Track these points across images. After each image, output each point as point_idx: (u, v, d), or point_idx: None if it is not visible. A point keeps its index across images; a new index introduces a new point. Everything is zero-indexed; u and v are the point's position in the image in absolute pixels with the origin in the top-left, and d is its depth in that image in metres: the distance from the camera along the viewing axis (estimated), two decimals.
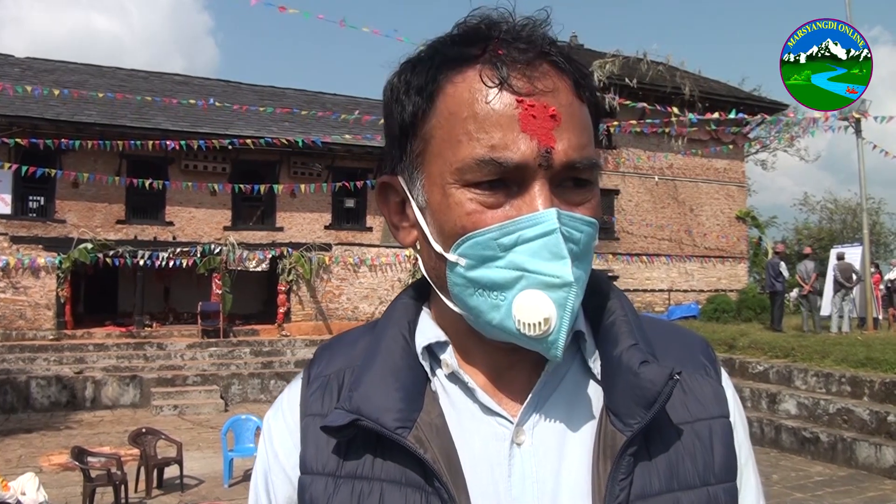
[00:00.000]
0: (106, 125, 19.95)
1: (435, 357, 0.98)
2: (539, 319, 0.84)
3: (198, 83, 25.72)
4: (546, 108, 0.85)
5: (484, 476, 0.90)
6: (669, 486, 0.90)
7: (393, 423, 0.90)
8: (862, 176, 18.11)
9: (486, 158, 0.85)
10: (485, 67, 0.87)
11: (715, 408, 0.98)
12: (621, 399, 0.91)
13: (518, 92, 0.85)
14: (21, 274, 19.65)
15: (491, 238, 0.86)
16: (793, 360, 13.77)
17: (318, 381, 1.01)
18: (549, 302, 0.84)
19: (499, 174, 0.86)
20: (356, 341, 1.04)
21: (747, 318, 23.17)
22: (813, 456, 11.06)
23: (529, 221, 0.85)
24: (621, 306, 0.99)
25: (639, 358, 0.92)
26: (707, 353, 1.04)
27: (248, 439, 10.09)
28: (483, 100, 0.86)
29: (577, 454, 0.92)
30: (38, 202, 20.73)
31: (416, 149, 0.93)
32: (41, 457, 11.47)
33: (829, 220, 48.04)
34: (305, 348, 20.36)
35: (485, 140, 0.86)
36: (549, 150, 0.85)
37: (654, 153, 25.95)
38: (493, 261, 0.87)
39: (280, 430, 1.02)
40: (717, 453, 0.94)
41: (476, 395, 0.94)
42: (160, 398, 16.07)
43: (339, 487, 0.91)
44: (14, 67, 22.61)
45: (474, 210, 0.87)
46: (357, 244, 23.63)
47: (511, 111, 0.85)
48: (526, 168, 0.85)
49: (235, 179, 21.65)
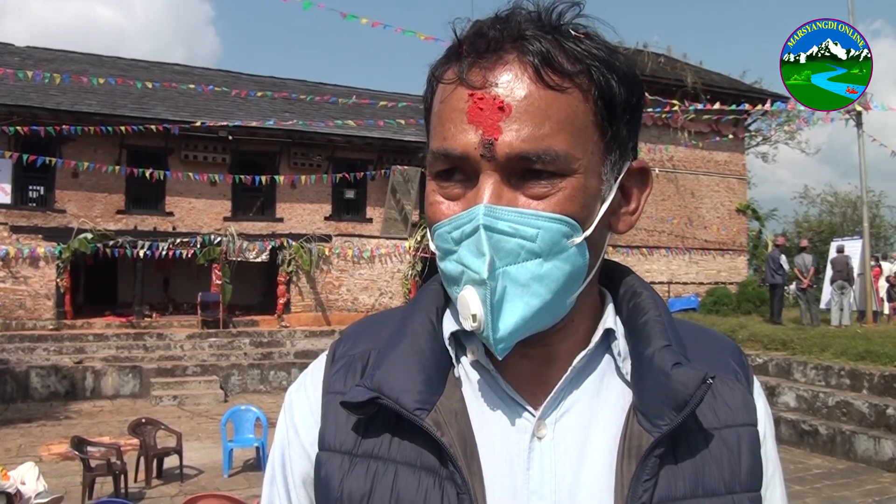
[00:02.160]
0: (106, 115, 19.88)
1: (461, 344, 0.97)
2: (468, 315, 0.85)
3: (198, 73, 25.64)
4: (495, 99, 0.85)
5: (501, 466, 0.90)
6: (694, 491, 0.90)
7: (412, 405, 0.90)
8: (862, 169, 18.10)
9: (438, 150, 0.89)
10: (451, 66, 0.90)
11: (744, 415, 0.97)
12: (651, 400, 0.90)
13: (471, 86, 0.87)
14: (21, 264, 19.63)
15: (446, 231, 0.89)
16: (792, 352, 13.80)
17: (343, 360, 1.00)
18: (476, 298, 0.85)
19: (449, 164, 0.89)
20: (384, 324, 1.04)
21: (747, 311, 23.18)
22: (812, 448, 11.08)
23: (467, 217, 0.86)
24: (655, 306, 0.98)
25: (671, 359, 0.91)
26: (739, 358, 1.03)
27: (248, 430, 10.10)
28: (444, 97, 0.90)
29: (599, 452, 0.91)
30: (37, 192, 20.70)
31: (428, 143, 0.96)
32: (41, 446, 11.49)
33: (829, 213, 47.94)
34: (305, 339, 20.39)
35: (440, 134, 0.89)
36: (491, 142, 0.85)
37: (654, 145, 25.86)
38: (451, 254, 0.89)
39: (301, 405, 1.01)
40: (743, 461, 0.93)
41: (500, 384, 0.94)
42: (160, 388, 16.08)
43: (355, 466, 0.91)
44: (14, 56, 22.54)
45: (435, 202, 0.91)
46: (357, 235, 23.62)
47: (462, 105, 0.87)
48: (469, 159, 0.86)
49: (235, 170, 21.62)
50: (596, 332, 0.96)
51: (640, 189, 0.98)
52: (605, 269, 1.03)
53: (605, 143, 0.90)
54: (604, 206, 0.92)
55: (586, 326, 0.96)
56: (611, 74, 0.89)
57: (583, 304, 0.94)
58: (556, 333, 0.93)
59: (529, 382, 0.95)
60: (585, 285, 0.92)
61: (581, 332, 0.96)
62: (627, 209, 0.98)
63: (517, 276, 0.85)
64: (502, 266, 0.85)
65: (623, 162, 0.94)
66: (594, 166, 0.89)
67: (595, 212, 0.91)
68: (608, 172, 0.92)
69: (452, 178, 0.89)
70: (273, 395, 16.49)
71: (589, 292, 0.95)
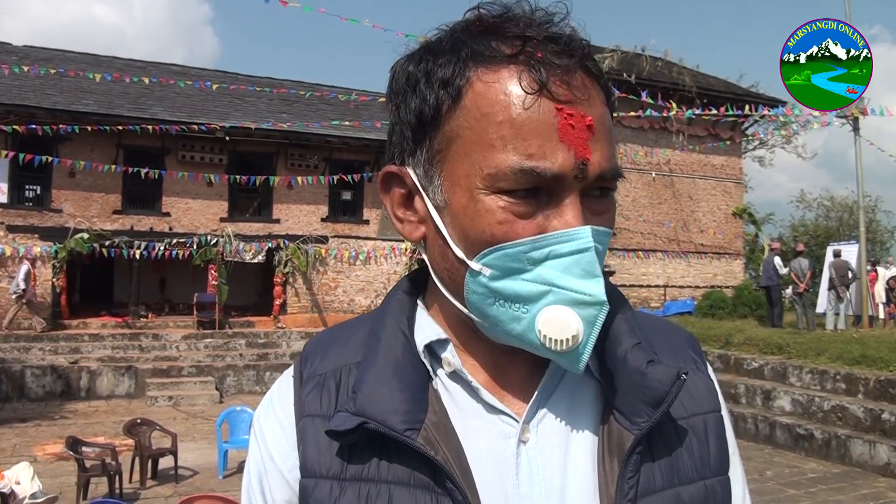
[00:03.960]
0: (103, 114, 19.86)
1: (435, 355, 0.95)
2: (568, 336, 0.83)
3: (195, 73, 25.61)
4: (584, 117, 0.83)
5: (491, 475, 0.89)
6: (671, 481, 0.91)
7: (401, 426, 0.88)
8: (859, 173, 18.14)
9: (524, 167, 0.82)
10: (523, 70, 0.84)
11: (708, 402, 0.99)
12: (627, 398, 0.90)
13: (557, 99, 0.83)
14: (16, 263, 19.59)
15: (521, 251, 0.84)
16: (788, 356, 13.80)
17: (314, 381, 0.97)
18: (577, 319, 0.83)
19: (535, 184, 0.83)
20: (349, 338, 1.01)
21: (742, 315, 23.20)
22: (807, 453, 11.09)
23: (564, 237, 0.83)
24: (619, 303, 0.98)
25: (645, 358, 0.91)
26: (695, 347, 1.06)
27: (243, 431, 10.08)
28: (521, 104, 0.83)
29: (581, 451, 0.92)
30: (34, 191, 20.64)
31: (437, 145, 0.89)
32: (36, 446, 11.46)
33: (825, 217, 48.05)
34: (301, 340, 20.34)
35: (522, 148, 0.82)
36: (584, 162, 0.83)
37: (651, 149, 25.88)
38: (519, 273, 0.85)
39: (273, 430, 0.98)
40: (712, 447, 0.96)
41: (480, 393, 0.93)
42: (155, 389, 16.06)
43: (345, 490, 0.89)
44: (12, 55, 22.49)
45: (505, 219, 0.84)
46: (354, 237, 23.59)
47: (550, 119, 0.82)
48: (563, 179, 0.83)
49: (232, 171, 21.60)
50: None
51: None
52: None
53: None
54: None
55: None
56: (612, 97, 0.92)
57: None
58: None
59: (506, 388, 0.95)
60: None
61: None
62: None
63: None
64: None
65: None
66: None
67: None
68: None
69: (527, 195, 0.84)
70: None
71: None
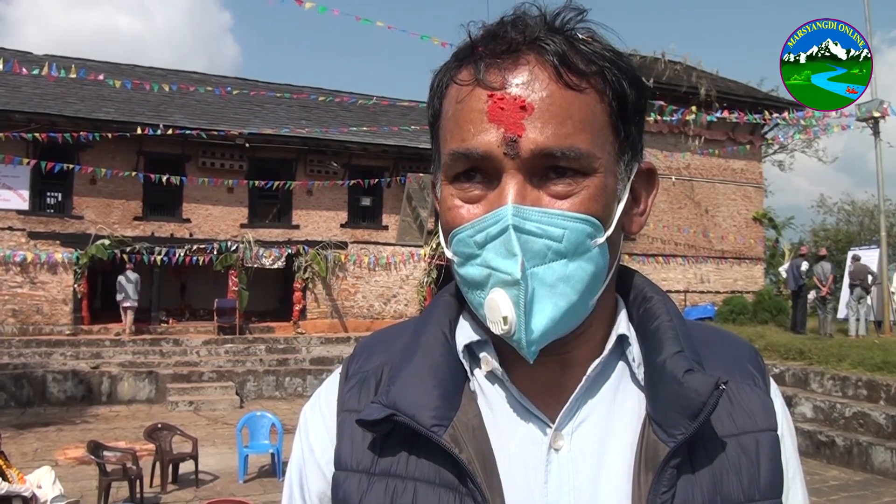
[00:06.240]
0: (124, 122, 20.04)
1: (475, 356, 0.96)
2: (498, 318, 0.84)
3: (215, 80, 25.78)
4: (516, 99, 0.84)
5: (519, 480, 0.88)
6: (713, 500, 0.87)
7: (429, 421, 0.88)
8: (880, 177, 17.97)
9: (457, 150, 0.87)
10: (467, 67, 0.89)
11: (763, 420, 0.94)
12: (664, 408, 0.88)
13: (490, 87, 0.85)
14: (38, 269, 19.80)
15: (467, 235, 0.87)
16: (809, 362, 13.69)
17: (356, 378, 0.99)
18: (507, 300, 0.83)
19: (469, 165, 0.87)
20: (396, 338, 1.03)
21: (763, 321, 22.99)
22: (828, 460, 10.98)
23: (493, 219, 0.85)
24: (666, 311, 0.96)
25: (683, 366, 0.89)
26: (756, 361, 1.01)
27: (263, 436, 10.13)
28: (460, 98, 0.88)
29: (616, 462, 0.90)
30: (55, 198, 20.87)
31: (435, 149, 0.96)
32: (57, 450, 11.54)
33: (846, 221, 47.56)
34: (321, 346, 20.42)
35: (459, 136, 0.87)
36: (514, 139, 0.84)
37: (670, 153, 25.79)
38: (473, 258, 0.87)
39: (317, 424, 1.01)
40: (763, 468, 0.91)
41: (515, 396, 0.93)
42: (176, 394, 16.14)
43: (373, 485, 0.90)
44: (33, 64, 22.67)
45: (454, 206, 0.89)
46: (373, 242, 23.67)
47: (481, 105, 0.85)
48: (492, 158, 0.85)
49: (252, 177, 21.73)
50: (609, 338, 0.94)
51: (647, 190, 0.98)
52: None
53: (619, 143, 0.90)
54: (620, 206, 0.91)
55: (602, 332, 0.95)
56: (622, 76, 0.89)
57: (600, 308, 0.92)
58: (575, 339, 0.91)
59: (544, 392, 0.93)
60: (605, 287, 0.91)
61: (597, 339, 0.94)
62: (637, 210, 0.97)
63: (544, 278, 0.84)
64: (530, 267, 0.83)
65: (634, 163, 0.94)
66: (611, 166, 0.89)
67: (614, 212, 0.90)
68: (622, 173, 0.92)
69: (471, 181, 0.88)
70: (288, 402, 16.53)
71: (606, 296, 0.93)
